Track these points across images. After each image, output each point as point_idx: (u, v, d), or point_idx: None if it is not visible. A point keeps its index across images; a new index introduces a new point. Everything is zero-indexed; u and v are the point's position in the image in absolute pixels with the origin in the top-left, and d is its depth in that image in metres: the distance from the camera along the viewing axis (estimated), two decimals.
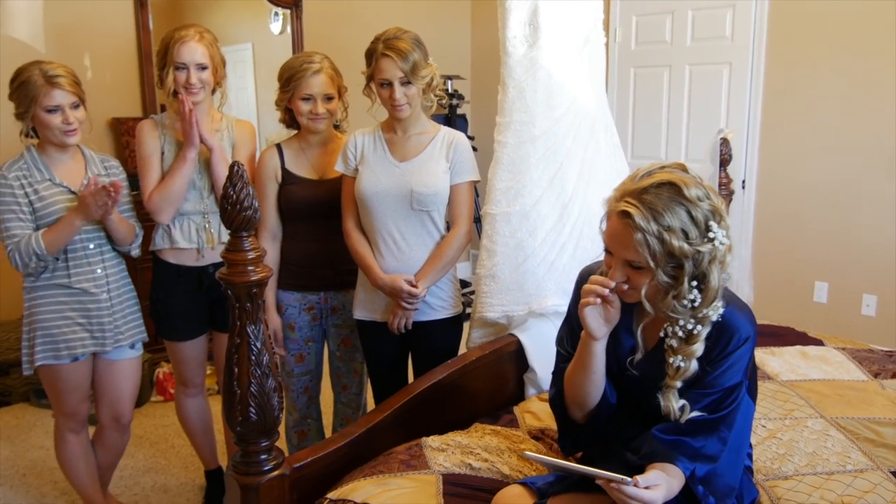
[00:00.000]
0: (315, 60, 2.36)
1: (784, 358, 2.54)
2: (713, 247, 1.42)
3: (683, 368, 1.50)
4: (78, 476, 2.54)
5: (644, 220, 1.40)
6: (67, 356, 2.32)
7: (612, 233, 1.47)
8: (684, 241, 1.40)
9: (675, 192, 1.42)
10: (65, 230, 2.23)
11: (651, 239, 1.39)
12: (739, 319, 1.51)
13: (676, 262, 1.42)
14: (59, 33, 3.96)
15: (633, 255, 1.43)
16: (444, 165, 2.28)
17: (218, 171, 2.41)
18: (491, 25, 5.25)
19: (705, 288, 1.45)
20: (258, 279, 1.56)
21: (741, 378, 1.53)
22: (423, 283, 2.26)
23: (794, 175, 4.31)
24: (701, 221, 1.42)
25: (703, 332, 1.49)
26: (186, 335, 2.58)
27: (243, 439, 1.65)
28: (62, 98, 2.20)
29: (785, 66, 4.26)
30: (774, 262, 4.34)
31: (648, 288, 1.45)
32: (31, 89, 2.19)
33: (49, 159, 2.31)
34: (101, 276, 2.36)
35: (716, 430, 1.50)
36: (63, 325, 2.31)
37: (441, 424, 2.10)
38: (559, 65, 2.42)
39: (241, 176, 1.54)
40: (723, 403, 1.51)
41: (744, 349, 1.51)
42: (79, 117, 2.26)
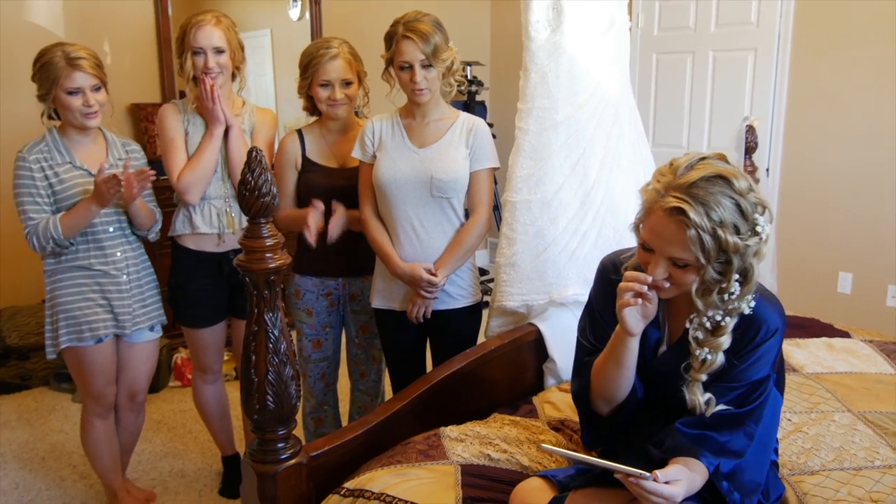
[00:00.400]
0: (333, 45, 2.33)
1: (809, 350, 2.49)
2: (759, 240, 1.37)
3: (710, 361, 1.46)
4: (101, 461, 2.55)
5: (699, 217, 1.33)
6: (91, 338, 2.33)
7: (657, 229, 1.40)
8: (736, 236, 1.35)
9: (726, 185, 1.36)
10: (82, 215, 2.23)
11: (705, 235, 1.33)
12: (768, 311, 1.47)
13: (726, 258, 1.37)
14: (78, 19, 3.96)
15: (680, 252, 1.37)
16: (463, 152, 2.25)
17: (233, 151, 2.40)
18: (511, 10, 5.19)
19: (746, 281, 1.40)
20: (276, 266, 1.54)
21: (769, 371, 1.49)
22: (443, 272, 2.24)
23: (819, 163, 4.23)
24: (749, 214, 1.37)
25: (730, 323, 1.44)
26: (205, 322, 2.57)
27: (260, 427, 1.64)
28: (83, 80, 2.20)
29: (811, 52, 4.17)
30: (798, 252, 4.27)
31: (698, 285, 1.40)
32: (52, 71, 2.19)
33: (70, 142, 2.31)
34: (121, 260, 2.36)
35: (742, 424, 1.47)
36: (85, 306, 2.32)
37: (459, 414, 2.08)
38: (583, 49, 2.37)
39: (260, 161, 1.52)
40: (750, 397, 1.47)
41: (772, 341, 1.47)
42: (100, 100, 2.26)
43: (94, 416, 2.48)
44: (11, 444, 3.19)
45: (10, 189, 2.30)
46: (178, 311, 2.59)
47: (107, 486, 2.63)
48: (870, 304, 4.10)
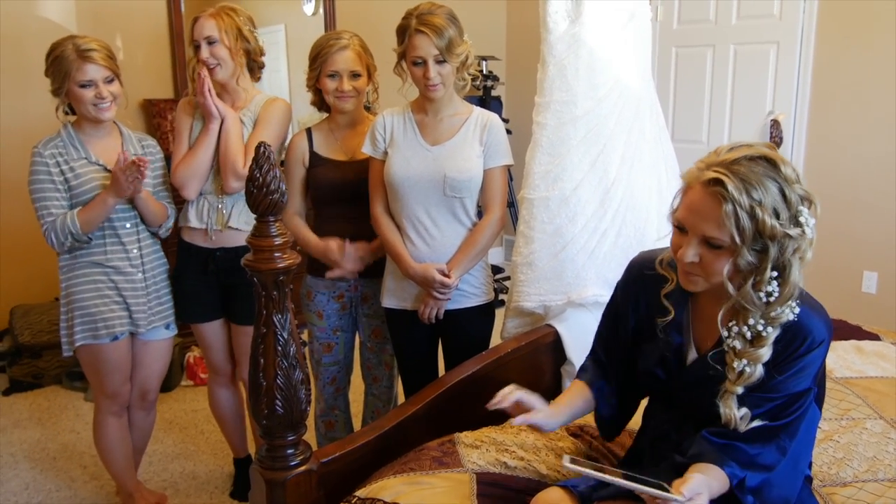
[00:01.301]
0: (343, 37, 2.29)
1: (838, 353, 2.40)
2: (801, 233, 1.30)
3: (748, 374, 1.37)
4: (114, 460, 2.52)
5: (737, 191, 1.26)
6: (106, 335, 2.30)
7: (693, 205, 1.33)
8: (775, 220, 1.28)
9: (771, 166, 1.30)
10: (99, 209, 2.21)
11: (742, 212, 1.26)
12: (814, 321, 1.38)
13: (762, 245, 1.29)
14: (91, 15, 3.94)
15: (715, 229, 1.30)
16: (477, 149, 2.18)
17: (222, 143, 2.34)
18: (527, 3, 5.11)
19: (784, 282, 1.32)
20: (285, 266, 1.49)
21: (810, 384, 1.40)
22: (456, 272, 2.18)
23: (843, 159, 4.12)
24: (794, 203, 1.30)
25: (771, 334, 1.36)
26: (197, 317, 2.53)
27: (269, 433, 1.59)
28: (95, 72, 2.18)
29: (835, 45, 4.07)
30: (821, 250, 4.08)
31: (730, 269, 1.31)
32: (64, 64, 2.17)
33: (85, 136, 2.29)
34: (137, 256, 2.34)
35: (775, 437, 1.39)
36: (101, 303, 2.29)
37: (474, 419, 2.01)
38: (603, 41, 2.29)
39: (268, 157, 1.47)
40: (786, 410, 1.39)
41: (816, 353, 1.38)
42: (113, 91, 2.23)
43: (109, 414, 2.44)
44: (23, 444, 3.17)
45: (19, 185, 2.27)
46: (176, 304, 2.55)
47: (121, 486, 2.60)
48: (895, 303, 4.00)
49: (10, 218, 3.69)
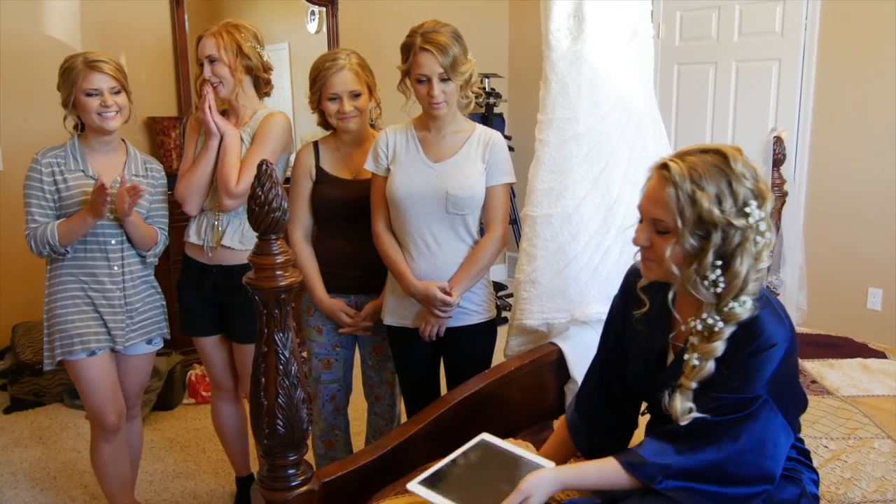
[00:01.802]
0: (339, 58, 2.27)
1: (844, 371, 2.39)
2: (746, 224, 1.34)
3: (698, 367, 1.40)
4: (109, 483, 2.49)
5: (680, 176, 1.35)
6: (82, 350, 2.28)
7: (647, 191, 1.43)
8: (716, 207, 1.33)
9: (721, 159, 1.36)
10: (77, 224, 2.22)
11: (682, 195, 1.34)
12: (770, 323, 1.39)
13: (704, 231, 1.35)
14: (95, 32, 3.96)
15: (661, 212, 1.37)
16: (480, 167, 2.18)
17: (221, 160, 2.34)
18: (530, 21, 5.14)
19: (729, 272, 1.36)
20: (287, 284, 1.48)
21: (759, 391, 1.38)
22: (458, 290, 2.16)
23: (847, 176, 4.11)
24: (740, 196, 1.35)
25: (725, 330, 1.39)
26: (196, 331, 2.54)
27: (270, 453, 1.57)
28: (102, 81, 2.22)
29: (838, 62, 4.07)
30: (826, 267, 4.15)
31: (674, 252, 1.37)
32: (72, 74, 2.22)
33: (89, 150, 2.32)
34: (118, 274, 2.33)
35: (715, 437, 1.38)
36: (78, 319, 2.28)
37: None
38: (605, 59, 2.29)
39: (270, 175, 1.46)
40: (731, 413, 1.38)
41: (766, 355, 1.38)
42: (119, 102, 2.26)
43: (100, 439, 2.42)
44: (23, 463, 3.15)
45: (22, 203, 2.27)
46: (180, 317, 2.57)
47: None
48: None
49: (12, 236, 3.70)
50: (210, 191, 2.41)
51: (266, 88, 2.49)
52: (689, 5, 4.66)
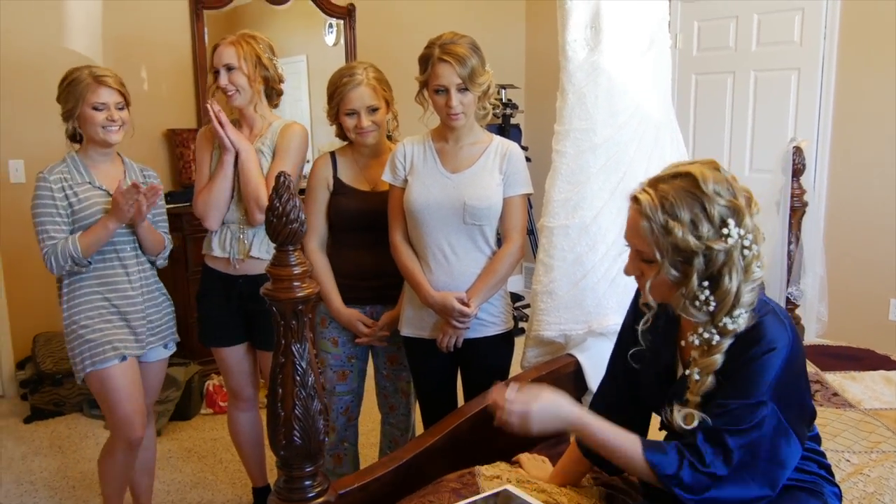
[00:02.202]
0: (356, 73, 2.28)
1: (866, 384, 2.35)
2: (727, 245, 1.32)
3: (700, 382, 1.39)
4: (110, 488, 2.51)
5: (651, 208, 1.34)
6: (114, 356, 2.29)
7: (628, 222, 1.43)
8: (691, 235, 1.32)
9: (691, 183, 1.35)
10: (100, 233, 2.24)
11: (656, 227, 1.34)
12: (771, 327, 1.38)
13: (684, 257, 1.34)
14: (116, 46, 4.02)
15: (640, 243, 1.37)
16: (497, 178, 2.18)
17: (241, 176, 2.37)
18: (546, 32, 5.14)
19: (718, 291, 1.34)
20: (304, 296, 1.48)
21: (763, 398, 1.35)
22: (475, 301, 2.16)
23: (867, 186, 4.07)
24: (716, 217, 1.33)
25: (723, 342, 1.38)
26: (219, 342, 2.54)
27: (287, 464, 1.57)
28: (108, 96, 2.25)
29: (858, 71, 4.04)
30: (846, 278, 4.10)
31: (654, 280, 1.37)
32: (79, 87, 2.24)
33: (90, 162, 2.34)
34: (136, 280, 2.37)
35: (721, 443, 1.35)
36: (105, 326, 2.30)
37: (494, 450, 1.98)
38: (622, 69, 2.29)
39: (288, 186, 1.47)
40: (739, 423, 1.35)
41: (767, 359, 1.36)
42: (123, 117, 2.29)
43: (119, 450, 2.39)
44: (43, 472, 3.17)
45: None
46: (200, 328, 2.59)
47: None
48: None
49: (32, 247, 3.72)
50: (230, 204, 2.42)
51: (276, 100, 2.52)
52: (706, 15, 4.65)
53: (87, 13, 3.93)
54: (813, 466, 1.50)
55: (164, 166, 4.25)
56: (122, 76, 2.35)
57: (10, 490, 3.02)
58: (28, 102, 3.78)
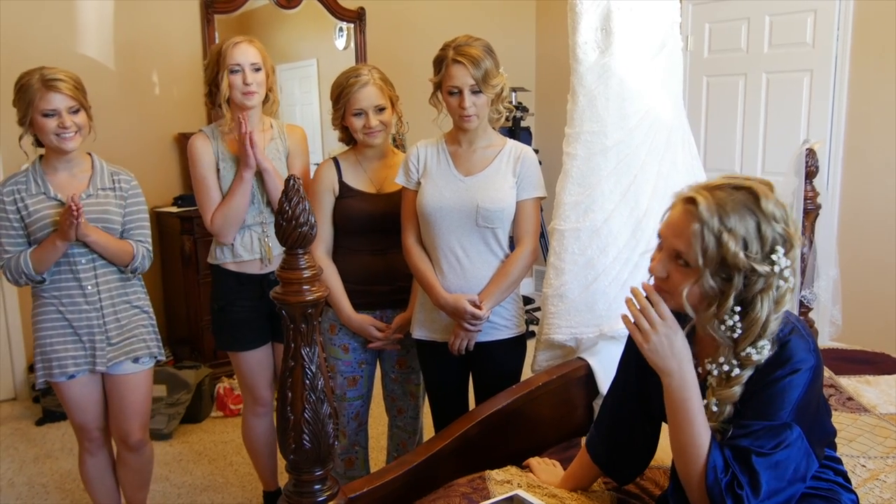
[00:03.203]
0: (362, 73, 2.29)
1: (881, 388, 2.33)
2: (770, 271, 1.28)
3: (717, 412, 1.36)
4: (96, 495, 2.50)
5: (708, 212, 1.28)
6: (60, 374, 2.26)
7: (670, 220, 1.37)
8: (741, 251, 1.27)
9: (752, 199, 1.30)
10: (48, 250, 2.17)
11: (708, 234, 1.28)
12: (798, 349, 1.34)
13: (727, 273, 1.29)
14: (128, 51, 4.03)
15: (683, 245, 1.31)
16: (511, 181, 2.17)
17: (272, 192, 2.39)
18: (556, 35, 5.13)
19: (748, 318, 1.30)
20: (314, 299, 1.48)
21: (787, 418, 1.33)
22: (488, 304, 2.15)
23: (881, 188, 4.03)
24: (768, 239, 1.29)
25: (743, 374, 1.33)
26: (248, 344, 2.52)
27: (296, 468, 1.56)
28: (59, 102, 2.13)
29: (871, 72, 4.00)
30: (860, 281, 4.05)
31: (691, 291, 1.32)
32: (28, 93, 2.13)
33: (49, 170, 2.24)
34: (93, 293, 2.26)
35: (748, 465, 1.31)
36: (56, 342, 2.25)
37: (505, 454, 1.98)
38: (633, 72, 2.28)
39: (298, 190, 1.47)
40: (762, 446, 1.32)
41: (792, 380, 1.33)
42: (78, 122, 2.18)
43: (84, 451, 2.42)
44: (54, 475, 3.18)
45: None
46: (220, 335, 2.55)
47: None
48: None
49: None
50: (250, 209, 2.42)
51: (275, 107, 2.52)
52: (717, 17, 4.62)
53: (98, 18, 3.96)
54: (829, 474, 1.48)
55: (175, 170, 4.27)
56: (133, 80, 2.33)
57: (23, 492, 3.04)
58: None
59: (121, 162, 2.41)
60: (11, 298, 3.88)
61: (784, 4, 4.28)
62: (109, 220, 2.26)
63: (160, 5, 4.12)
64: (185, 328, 4.06)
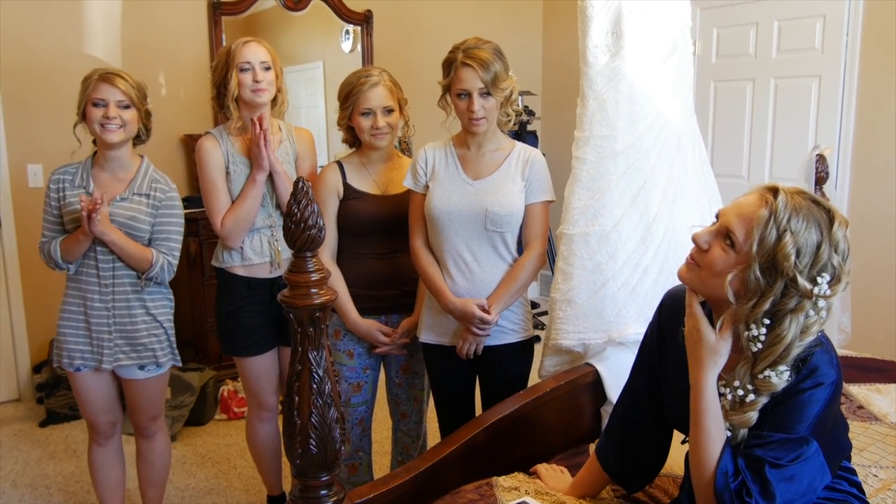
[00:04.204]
0: (373, 74, 2.28)
1: (892, 396, 2.30)
2: (808, 291, 1.25)
3: (731, 437, 1.34)
4: (100, 488, 2.53)
5: (784, 206, 1.27)
6: (69, 366, 2.33)
7: (740, 201, 1.34)
8: (794, 256, 1.25)
9: (826, 219, 1.29)
10: (75, 243, 2.23)
11: (772, 225, 1.26)
12: (822, 363, 1.32)
13: (773, 274, 1.26)
14: (135, 52, 4.04)
15: (741, 227, 1.29)
16: (519, 184, 2.16)
17: (282, 195, 2.39)
18: (563, 39, 5.12)
19: (773, 333, 1.28)
20: (322, 303, 1.47)
21: (804, 433, 1.30)
22: (496, 308, 2.14)
23: (891, 194, 4.00)
24: (822, 261, 1.26)
25: (759, 401, 1.31)
26: (255, 350, 2.50)
27: (303, 473, 1.55)
28: (109, 93, 2.19)
29: (881, 78, 3.98)
30: (870, 288, 4.03)
31: (736, 276, 1.29)
32: (86, 84, 2.23)
33: (98, 168, 2.31)
34: (108, 292, 2.29)
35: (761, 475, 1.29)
36: (70, 334, 2.32)
37: (512, 460, 1.96)
38: (643, 75, 2.26)
39: (307, 193, 1.46)
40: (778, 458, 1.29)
41: (813, 394, 1.30)
42: (125, 117, 2.22)
43: (92, 441, 2.49)
44: (57, 476, 3.17)
45: None
46: (227, 341, 2.53)
47: None
48: None
49: None
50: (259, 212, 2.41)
51: (283, 108, 2.51)
52: (725, 21, 4.61)
53: (106, 19, 3.96)
54: (843, 484, 1.46)
55: (182, 171, 4.27)
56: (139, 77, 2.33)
57: (25, 494, 3.03)
58: (47, 107, 3.80)
59: None
60: (16, 300, 3.88)
61: (793, 9, 4.26)
62: (136, 228, 2.27)
63: (167, 7, 4.12)
64: (190, 330, 4.05)
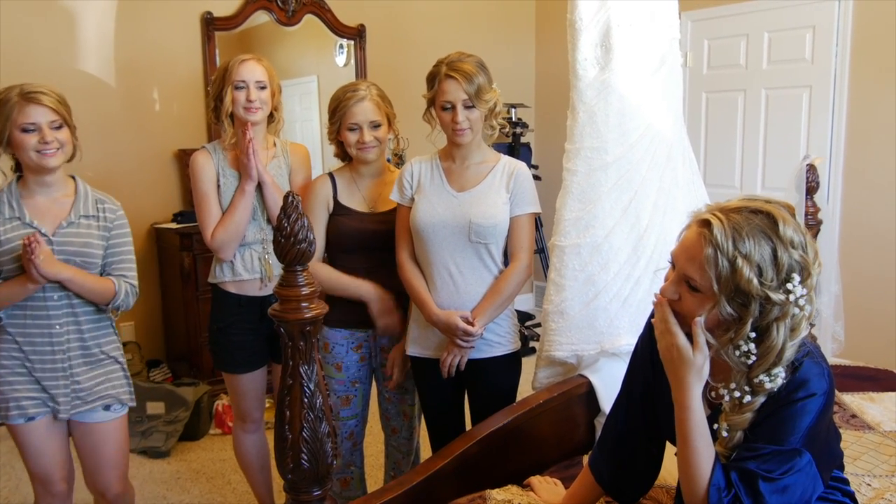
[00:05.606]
0: (360, 88, 2.29)
1: (885, 405, 2.31)
2: (786, 300, 1.24)
3: (727, 438, 1.33)
4: None
5: (722, 236, 1.24)
6: (18, 416, 2.04)
7: (684, 242, 1.32)
8: (756, 278, 1.23)
9: (769, 224, 1.26)
10: (15, 289, 1.98)
11: (722, 260, 1.24)
12: (812, 374, 1.32)
13: (743, 299, 1.25)
14: (128, 68, 4.04)
15: (695, 271, 1.27)
16: (504, 196, 2.17)
17: (271, 205, 2.38)
18: (556, 51, 5.15)
19: (763, 345, 1.27)
20: (312, 317, 1.47)
21: (798, 444, 1.30)
22: (481, 321, 2.14)
23: (882, 203, 4.03)
24: (784, 266, 1.25)
25: (756, 402, 1.31)
26: (245, 367, 2.49)
27: (294, 488, 1.54)
28: (40, 115, 1.96)
29: (870, 88, 4.01)
30: (862, 297, 4.04)
31: (709, 317, 1.28)
32: (6, 108, 1.96)
33: (27, 194, 2.05)
34: (61, 334, 2.05)
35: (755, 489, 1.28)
36: (15, 381, 2.04)
37: (506, 473, 1.96)
38: (633, 88, 2.28)
39: (297, 207, 1.46)
40: (770, 471, 1.28)
41: (804, 405, 1.30)
42: (60, 138, 2.00)
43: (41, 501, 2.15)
44: None
45: None
46: (218, 356, 2.53)
47: None
48: None
49: None
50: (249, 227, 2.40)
51: (279, 126, 2.52)
52: (716, 33, 4.64)
53: (99, 34, 3.96)
54: (837, 495, 1.46)
55: (175, 186, 4.27)
56: (134, 97, 2.28)
57: None
58: None
59: (121, 178, 2.39)
60: None
61: (783, 20, 4.30)
62: (90, 255, 2.07)
63: (161, 22, 4.14)
64: (184, 345, 4.04)
